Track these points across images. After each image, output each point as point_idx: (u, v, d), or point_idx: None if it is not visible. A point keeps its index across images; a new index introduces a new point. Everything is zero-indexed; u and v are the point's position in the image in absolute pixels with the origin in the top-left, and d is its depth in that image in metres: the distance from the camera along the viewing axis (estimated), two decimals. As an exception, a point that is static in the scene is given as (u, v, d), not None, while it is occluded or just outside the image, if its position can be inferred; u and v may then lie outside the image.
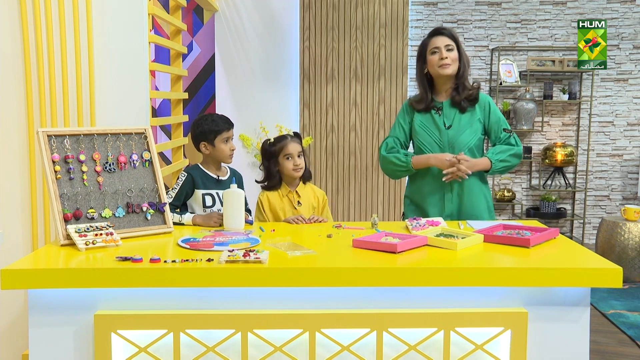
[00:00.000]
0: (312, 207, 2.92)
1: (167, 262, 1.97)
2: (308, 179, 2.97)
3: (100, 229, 2.24)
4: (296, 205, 2.88)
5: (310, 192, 2.97)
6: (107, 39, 2.98)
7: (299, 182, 2.93)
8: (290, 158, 2.87)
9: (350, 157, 5.37)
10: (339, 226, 2.60)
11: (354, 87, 5.33)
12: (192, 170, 2.82)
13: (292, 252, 2.10)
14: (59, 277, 1.92)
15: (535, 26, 5.99)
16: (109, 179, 2.41)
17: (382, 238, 2.26)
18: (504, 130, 2.88)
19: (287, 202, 2.89)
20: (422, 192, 2.92)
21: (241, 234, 2.42)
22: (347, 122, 5.37)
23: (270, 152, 2.88)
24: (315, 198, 2.96)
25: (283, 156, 2.87)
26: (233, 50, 5.13)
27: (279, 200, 2.88)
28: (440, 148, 2.86)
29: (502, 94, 6.08)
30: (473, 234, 2.30)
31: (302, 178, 2.94)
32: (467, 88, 2.86)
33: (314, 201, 2.94)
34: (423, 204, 2.92)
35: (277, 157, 2.86)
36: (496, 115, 2.89)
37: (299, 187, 2.93)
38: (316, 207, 2.94)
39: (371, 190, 5.38)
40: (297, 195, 2.91)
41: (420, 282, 1.94)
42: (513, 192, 6.12)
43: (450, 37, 2.85)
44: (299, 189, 2.93)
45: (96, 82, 2.90)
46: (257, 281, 1.92)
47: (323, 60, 5.32)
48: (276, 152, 2.87)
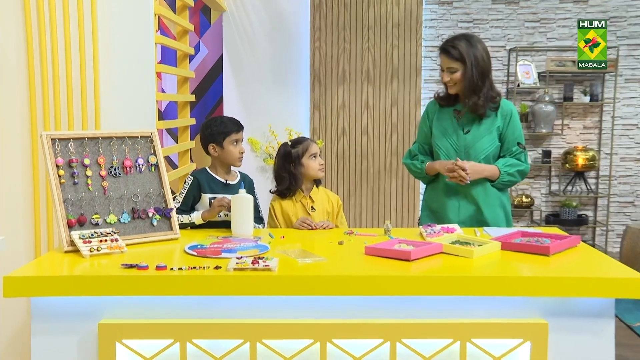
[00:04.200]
0: (326, 212, 2.93)
1: (173, 270, 1.98)
2: (320, 182, 2.99)
3: (105, 235, 2.26)
4: (310, 210, 2.88)
5: (324, 196, 2.97)
6: (113, 39, 3.00)
7: (312, 187, 2.94)
8: (315, 158, 2.89)
9: (362, 161, 5.37)
10: (350, 233, 2.60)
11: (366, 89, 5.33)
12: (199, 174, 2.83)
13: (302, 260, 2.10)
14: (62, 284, 1.94)
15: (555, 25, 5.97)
16: (114, 184, 2.43)
17: (395, 245, 2.26)
18: (518, 144, 2.88)
19: (300, 207, 2.89)
20: (438, 198, 2.93)
21: (250, 240, 2.43)
22: (358, 125, 5.37)
23: (294, 154, 2.88)
24: (329, 203, 2.96)
25: (308, 156, 2.88)
26: (241, 51, 5.15)
27: (292, 206, 2.89)
28: (456, 152, 2.86)
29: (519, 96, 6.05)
30: (490, 242, 2.29)
31: (316, 181, 2.96)
32: (486, 98, 2.83)
33: (328, 206, 2.95)
34: (439, 209, 2.92)
35: (301, 159, 2.87)
36: (514, 127, 2.88)
37: (313, 191, 2.93)
38: (330, 212, 2.95)
39: (384, 195, 5.38)
40: (311, 200, 2.91)
41: (435, 291, 1.93)
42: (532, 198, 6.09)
43: (453, 58, 2.80)
44: (313, 194, 2.93)
45: (101, 84, 2.92)
46: (266, 289, 1.93)
47: (334, 61, 5.33)
48: (300, 154, 2.88)
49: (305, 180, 2.90)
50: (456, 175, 2.76)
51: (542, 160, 6.04)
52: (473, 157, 2.84)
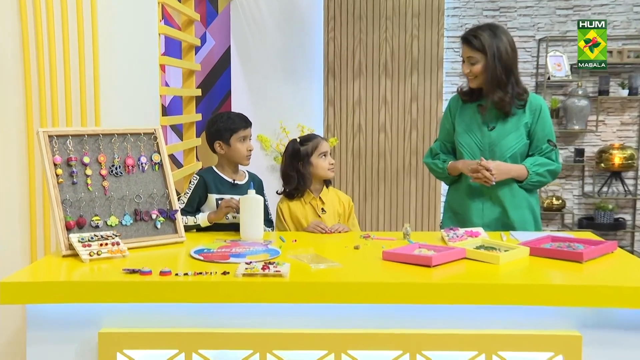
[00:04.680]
0: (337, 214, 2.93)
1: (178, 275, 1.99)
2: (330, 183, 3.00)
3: (105, 238, 2.28)
4: (320, 212, 2.89)
5: (335, 197, 2.98)
6: (113, 30, 3.02)
7: (322, 187, 2.95)
8: (325, 157, 2.90)
9: (380, 160, 5.37)
10: (367, 236, 2.60)
11: (384, 83, 5.33)
12: (205, 173, 2.84)
13: (316, 265, 2.11)
14: (60, 291, 1.95)
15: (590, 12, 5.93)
16: (116, 184, 2.44)
17: (415, 250, 2.26)
18: (548, 141, 2.86)
19: (310, 209, 2.90)
20: (461, 200, 2.92)
21: (260, 244, 2.44)
22: (375, 122, 5.36)
23: (303, 152, 2.89)
24: (340, 204, 2.97)
25: (318, 155, 2.89)
26: (250, 42, 5.16)
27: (301, 208, 2.90)
28: (480, 151, 2.85)
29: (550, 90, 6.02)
30: (517, 247, 2.29)
31: (325, 182, 2.96)
32: (512, 95, 2.81)
33: (339, 208, 2.95)
34: (462, 212, 2.91)
35: (311, 157, 2.88)
36: (545, 123, 2.86)
37: (323, 192, 2.94)
38: (342, 214, 2.95)
39: (403, 196, 5.37)
40: (321, 202, 2.92)
41: (458, 299, 1.93)
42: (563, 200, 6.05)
43: (474, 48, 2.80)
44: (323, 195, 2.94)
45: (101, 77, 2.94)
46: (277, 297, 1.93)
47: (350, 53, 5.33)
48: (309, 152, 2.89)
49: (314, 181, 2.91)
50: (480, 176, 2.75)
51: (574, 159, 6.00)
52: (498, 156, 2.83)
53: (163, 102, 4.90)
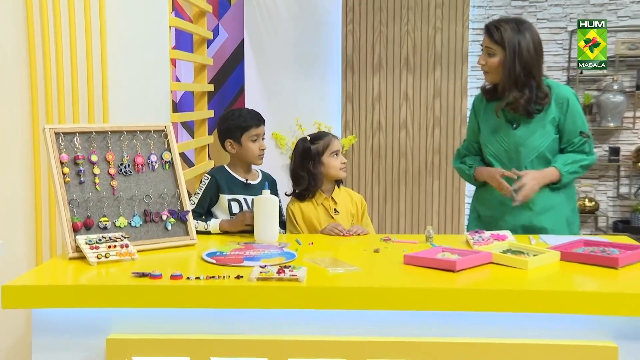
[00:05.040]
0: (350, 215, 2.94)
1: (190, 279, 2.00)
2: (341, 182, 3.01)
3: (114, 240, 2.29)
4: (333, 213, 2.90)
5: (347, 197, 2.98)
6: (122, 22, 3.04)
7: (333, 187, 2.95)
8: (337, 155, 2.90)
9: (400, 159, 5.36)
10: (387, 239, 2.60)
11: (405, 78, 5.31)
12: (217, 173, 2.86)
13: (334, 269, 2.11)
14: (66, 295, 1.97)
15: (628, 1, 5.87)
16: (124, 183, 2.46)
17: (438, 254, 2.26)
18: (581, 133, 2.83)
19: (322, 210, 2.91)
20: (488, 201, 2.90)
21: (275, 247, 2.45)
22: (396, 119, 5.35)
23: (313, 150, 2.90)
24: (353, 204, 2.97)
25: (329, 154, 2.89)
26: (265, 35, 5.17)
27: (313, 210, 2.90)
28: (505, 151, 2.84)
29: (583, 84, 5.97)
30: (547, 251, 2.27)
31: (337, 181, 2.97)
32: (529, 98, 2.77)
33: (352, 208, 2.96)
34: (489, 214, 2.90)
35: (322, 156, 2.88)
36: (575, 115, 2.83)
37: (334, 192, 2.95)
38: (355, 215, 2.96)
39: (425, 197, 5.35)
40: (334, 202, 2.93)
41: (483, 306, 1.92)
42: (596, 202, 6.00)
43: (493, 39, 2.77)
44: (335, 195, 2.94)
45: (110, 72, 2.96)
46: (294, 302, 1.94)
47: (369, 46, 5.32)
48: (320, 150, 2.89)
49: (325, 181, 2.92)
50: (505, 193, 2.76)
51: (608, 158, 5.94)
52: (524, 156, 2.81)
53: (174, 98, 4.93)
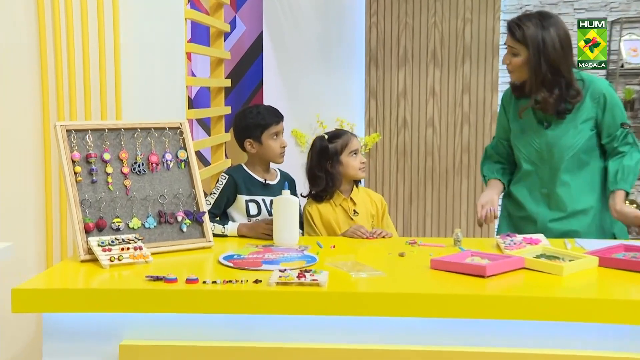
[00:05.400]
0: (370, 216, 2.94)
1: (206, 283, 2.01)
2: (360, 182, 3.02)
3: (127, 242, 2.31)
4: (352, 215, 2.90)
5: (366, 198, 2.99)
6: (136, 15, 3.05)
7: (351, 187, 2.96)
8: (356, 155, 2.90)
9: (427, 158, 5.34)
10: (413, 243, 2.59)
11: (432, 73, 5.29)
12: (235, 172, 2.87)
13: (357, 274, 2.11)
14: (78, 299, 1.99)
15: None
16: (138, 183, 2.48)
17: (467, 258, 2.25)
18: (622, 125, 2.80)
19: (341, 212, 2.91)
20: (519, 203, 2.88)
21: (295, 250, 2.45)
22: (422, 116, 5.33)
23: (331, 149, 2.90)
24: (372, 205, 2.98)
25: (348, 153, 2.90)
26: (284, 27, 5.18)
27: (331, 211, 2.91)
28: (537, 152, 2.81)
29: (624, 78, 5.90)
30: (584, 256, 2.25)
31: (355, 181, 2.98)
32: (559, 97, 2.74)
33: (372, 208, 2.96)
34: (521, 216, 2.88)
35: (340, 155, 2.88)
36: (613, 108, 2.79)
37: (353, 192, 2.95)
38: (375, 216, 2.96)
39: (452, 198, 5.33)
40: (353, 203, 2.93)
41: (515, 314, 1.91)
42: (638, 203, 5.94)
43: (515, 38, 2.74)
44: (354, 196, 2.95)
45: (123, 67, 2.98)
46: (314, 308, 1.94)
47: (394, 39, 5.31)
48: (338, 149, 2.89)
49: (343, 181, 2.92)
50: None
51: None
52: (558, 157, 2.79)
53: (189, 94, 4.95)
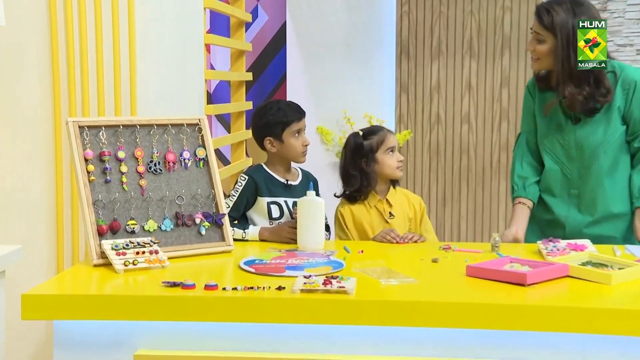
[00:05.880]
0: (407, 219, 2.93)
1: (226, 290, 2.01)
2: (397, 182, 3.01)
3: (142, 245, 2.32)
4: (388, 217, 2.89)
5: (404, 199, 2.98)
6: (152, 5, 3.07)
7: (388, 188, 2.95)
8: (393, 152, 2.90)
9: (462, 156, 5.31)
10: (447, 248, 2.59)
11: (468, 65, 5.27)
12: (255, 173, 2.87)
13: (386, 281, 2.11)
14: (90, 305, 2.00)
15: None
16: (154, 183, 2.49)
17: (505, 265, 2.24)
18: None
19: (375, 214, 2.91)
20: (543, 204, 2.85)
21: (320, 255, 2.46)
22: (457, 111, 5.31)
23: (366, 147, 2.90)
24: (410, 207, 2.96)
25: (384, 151, 2.89)
26: (309, 17, 5.18)
27: (365, 213, 2.90)
28: (564, 149, 2.78)
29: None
30: (635, 264, 2.23)
31: (392, 181, 2.97)
32: (589, 94, 2.69)
33: (409, 211, 2.95)
34: (545, 222, 2.87)
35: (376, 153, 2.88)
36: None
37: (389, 193, 2.95)
38: (413, 219, 2.95)
39: (489, 200, 5.29)
40: (388, 205, 2.92)
41: (559, 325, 1.89)
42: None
43: (542, 24, 2.70)
44: (390, 197, 2.94)
45: (138, 59, 2.99)
46: (341, 317, 1.94)
47: (427, 30, 5.29)
48: (374, 147, 2.89)
49: (379, 181, 2.92)
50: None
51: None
52: (588, 155, 2.76)
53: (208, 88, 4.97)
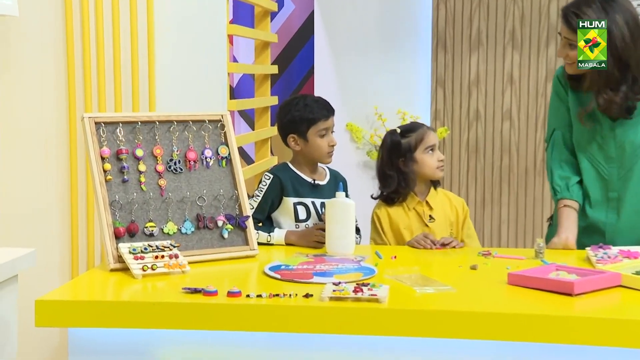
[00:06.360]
0: (449, 223, 2.92)
1: (250, 297, 2.01)
2: (439, 184, 3.00)
3: (161, 249, 2.33)
4: (428, 220, 2.88)
5: (445, 201, 2.97)
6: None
7: (428, 189, 2.94)
8: (433, 151, 2.89)
9: (503, 155, 5.28)
10: (487, 254, 2.58)
11: (510, 58, 5.24)
12: (280, 172, 2.88)
13: (422, 289, 2.11)
14: (106, 312, 2.02)
15: None
16: (174, 183, 2.50)
17: (551, 273, 2.22)
18: None
19: (414, 217, 2.90)
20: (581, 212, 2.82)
21: (350, 260, 2.45)
22: (498, 107, 5.28)
23: (404, 145, 2.89)
24: (452, 210, 2.95)
25: (423, 149, 2.89)
26: (339, 6, 5.18)
27: (403, 216, 2.90)
28: (602, 150, 2.74)
29: None
30: (695, 273, 2.21)
31: (433, 182, 2.96)
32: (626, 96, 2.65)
33: (451, 214, 2.94)
34: (580, 228, 2.81)
35: (414, 152, 2.88)
36: None
37: (430, 195, 2.94)
38: (454, 223, 2.94)
39: (533, 202, 5.26)
40: (429, 207, 2.91)
41: (609, 340, 1.87)
42: None
43: (573, 29, 2.64)
44: (431, 198, 2.93)
45: (157, 51, 3.01)
46: (373, 327, 1.93)
47: (465, 19, 5.27)
48: (412, 145, 2.89)
49: (418, 182, 2.91)
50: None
51: None
52: (629, 155, 2.73)
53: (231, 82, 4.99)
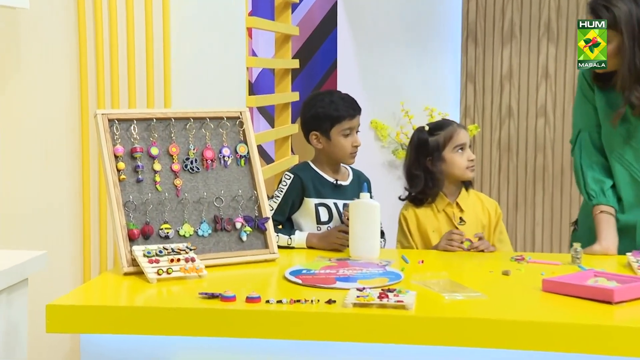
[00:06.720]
0: (480, 226, 2.92)
1: (269, 303, 2.02)
2: (470, 185, 2.99)
3: (177, 252, 2.34)
4: (458, 223, 2.88)
5: (477, 203, 2.96)
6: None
7: (459, 190, 2.94)
8: (463, 150, 2.89)
9: (537, 154, 5.26)
10: (520, 259, 2.57)
11: (545, 51, 5.21)
12: (301, 171, 2.88)
13: (450, 295, 2.10)
14: (120, 318, 2.03)
15: None
16: (191, 183, 2.51)
17: (589, 280, 2.21)
18: None
19: (444, 219, 2.89)
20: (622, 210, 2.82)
21: (375, 265, 2.45)
22: (532, 103, 5.26)
23: (432, 143, 2.89)
24: (484, 212, 2.95)
25: (453, 148, 2.88)
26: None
27: (431, 218, 2.90)
28: (633, 150, 2.73)
29: None
30: None
31: (464, 183, 2.96)
32: None
33: (483, 217, 2.93)
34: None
35: (443, 151, 2.88)
36: None
37: (461, 196, 2.93)
38: (487, 226, 2.93)
39: (569, 204, 5.23)
40: (459, 209, 2.91)
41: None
42: None
43: (607, 23, 2.63)
44: (461, 200, 2.93)
45: (172, 46, 3.02)
46: (399, 335, 1.93)
47: (497, 10, 5.25)
48: (441, 144, 2.88)
49: (448, 182, 2.91)
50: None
51: None
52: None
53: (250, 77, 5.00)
